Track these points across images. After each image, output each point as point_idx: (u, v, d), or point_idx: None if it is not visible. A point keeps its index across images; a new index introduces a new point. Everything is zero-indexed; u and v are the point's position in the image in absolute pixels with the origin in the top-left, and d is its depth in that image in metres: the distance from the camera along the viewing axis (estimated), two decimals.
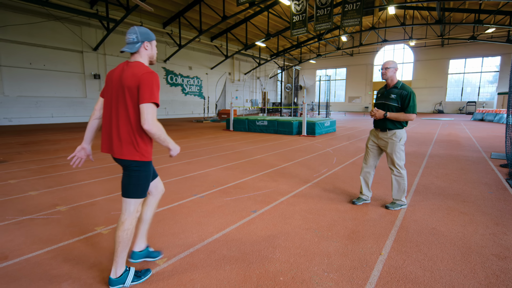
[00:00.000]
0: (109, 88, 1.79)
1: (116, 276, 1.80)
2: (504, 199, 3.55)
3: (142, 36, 1.78)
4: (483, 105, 26.17)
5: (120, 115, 1.72)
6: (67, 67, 15.56)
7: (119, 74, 1.75)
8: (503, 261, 2.17)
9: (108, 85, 1.80)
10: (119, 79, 1.73)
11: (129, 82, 1.68)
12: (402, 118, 3.06)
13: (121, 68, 1.77)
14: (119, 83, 1.73)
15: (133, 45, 1.77)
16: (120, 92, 1.72)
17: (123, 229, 1.78)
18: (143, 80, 1.66)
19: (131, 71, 1.70)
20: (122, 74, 1.72)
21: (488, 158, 6.12)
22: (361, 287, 1.85)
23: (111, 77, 1.79)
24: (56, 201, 3.45)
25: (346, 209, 3.22)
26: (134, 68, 1.71)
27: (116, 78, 1.76)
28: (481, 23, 18.69)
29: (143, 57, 1.81)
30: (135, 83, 1.67)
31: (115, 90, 1.75)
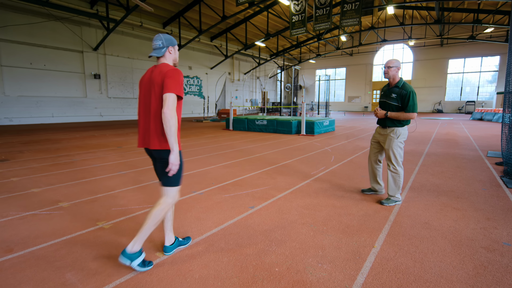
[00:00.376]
0: (141, 90, 2.03)
1: (131, 251, 1.92)
2: (497, 196, 3.62)
3: (167, 42, 2.00)
4: (482, 105, 26.24)
5: (151, 110, 1.91)
6: (67, 67, 15.64)
7: (148, 76, 1.98)
8: (492, 253, 2.24)
9: (141, 86, 2.04)
10: (149, 80, 1.96)
11: (157, 79, 1.89)
12: (402, 117, 3.14)
13: (150, 71, 2.00)
14: (149, 83, 1.96)
15: (159, 50, 1.98)
16: (151, 90, 1.92)
17: (159, 209, 1.99)
18: (168, 75, 1.86)
19: (159, 70, 1.91)
20: (151, 75, 1.95)
21: (484, 156, 6.19)
22: (353, 277, 1.93)
23: (142, 81, 2.03)
24: (59, 197, 3.52)
25: (342, 205, 3.30)
26: (161, 68, 1.92)
27: (146, 79, 1.99)
28: (480, 23, 18.76)
29: (168, 60, 2.03)
30: (161, 78, 1.87)
31: (146, 90, 1.97)
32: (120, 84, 18.20)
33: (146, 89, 1.97)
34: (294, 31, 15.88)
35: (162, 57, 2.01)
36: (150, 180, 4.32)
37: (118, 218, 2.89)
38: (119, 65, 18.01)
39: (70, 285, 1.83)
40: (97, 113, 17.22)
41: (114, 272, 1.97)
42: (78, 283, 1.85)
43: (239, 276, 1.93)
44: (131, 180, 4.29)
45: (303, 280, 1.89)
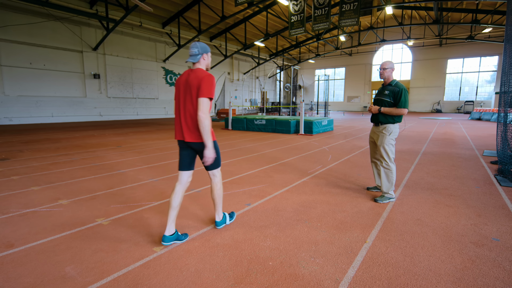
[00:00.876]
0: (178, 90, 2.32)
1: (219, 219, 2.61)
2: (490, 193, 3.68)
3: (202, 49, 2.29)
4: (481, 105, 26.32)
5: (187, 109, 2.24)
6: (67, 67, 15.69)
7: (185, 79, 2.27)
8: (480, 248, 2.30)
9: (177, 88, 2.34)
10: (185, 82, 2.25)
11: (194, 82, 2.19)
12: (395, 113, 3.27)
13: (186, 74, 2.29)
14: (186, 85, 2.25)
15: (195, 56, 2.27)
16: (187, 92, 2.23)
17: (217, 188, 2.50)
18: (204, 80, 2.16)
19: (195, 75, 2.22)
20: (188, 78, 2.24)
21: (480, 156, 6.25)
22: (344, 270, 1.99)
23: (179, 82, 2.31)
24: (58, 195, 3.58)
25: (337, 202, 3.36)
26: (197, 72, 2.23)
27: (183, 82, 2.28)
28: (478, 23, 18.83)
29: (202, 65, 2.32)
30: (197, 82, 2.17)
31: (182, 91, 2.28)
32: (119, 84, 18.25)
33: (183, 90, 2.27)
34: (293, 31, 15.94)
35: (197, 63, 2.30)
36: (148, 178, 4.38)
37: (117, 215, 2.94)
38: (118, 65, 18.06)
39: (70, 278, 1.89)
40: (97, 112, 17.27)
41: (113, 266, 2.03)
42: (78, 276, 1.91)
43: (233, 270, 1.99)
44: (130, 179, 4.35)
45: (296, 273, 1.95)
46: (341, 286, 1.82)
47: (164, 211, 3.05)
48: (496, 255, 2.19)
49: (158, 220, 2.82)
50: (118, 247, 2.29)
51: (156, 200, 3.41)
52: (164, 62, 20.93)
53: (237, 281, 1.87)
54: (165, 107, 21.39)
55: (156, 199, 3.43)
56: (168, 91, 21.60)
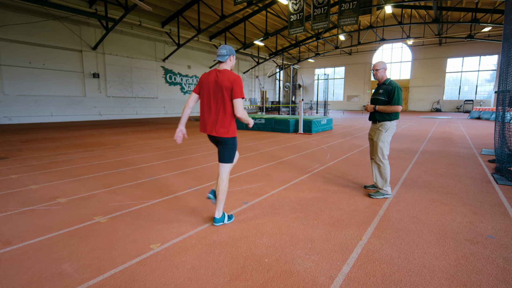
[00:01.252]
0: (206, 87, 2.53)
1: (219, 216, 2.67)
2: (487, 191, 3.70)
3: (229, 51, 2.53)
4: (480, 104, 26.32)
5: (219, 107, 2.49)
6: (66, 66, 15.69)
7: (214, 78, 2.49)
8: (475, 245, 2.32)
9: (204, 84, 2.54)
10: (215, 81, 2.48)
11: (226, 84, 2.43)
12: (389, 110, 3.35)
13: (215, 74, 2.50)
14: (216, 84, 2.48)
15: (224, 57, 2.51)
16: (218, 91, 2.47)
17: (224, 184, 2.60)
18: (236, 83, 2.44)
19: (226, 77, 2.45)
20: (218, 78, 2.47)
21: (478, 154, 6.27)
22: (339, 267, 2.00)
23: (207, 79, 2.53)
24: (57, 193, 3.59)
25: (334, 200, 3.37)
26: (227, 74, 2.46)
27: (212, 80, 2.50)
28: (478, 22, 18.82)
29: (228, 66, 2.56)
30: (230, 85, 2.43)
31: (212, 89, 2.50)
32: (119, 83, 18.26)
33: (212, 89, 2.50)
34: (292, 30, 15.94)
35: (224, 63, 2.55)
36: (146, 177, 4.39)
37: (115, 213, 2.96)
38: (118, 64, 18.06)
39: (67, 275, 1.91)
40: (96, 112, 17.27)
41: (110, 263, 2.04)
42: (74, 273, 1.92)
43: (229, 267, 2.01)
44: (128, 177, 4.36)
45: (291, 270, 1.97)
46: (336, 283, 1.83)
47: (164, 209, 3.07)
48: (490, 252, 2.21)
49: (156, 218, 2.83)
50: (115, 244, 2.31)
51: (154, 198, 3.43)
52: (163, 62, 20.92)
53: (232, 277, 1.88)
54: (165, 106, 21.39)
55: (154, 197, 3.44)
56: (168, 90, 21.60)
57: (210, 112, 2.53)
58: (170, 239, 2.40)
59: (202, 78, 2.56)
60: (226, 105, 2.46)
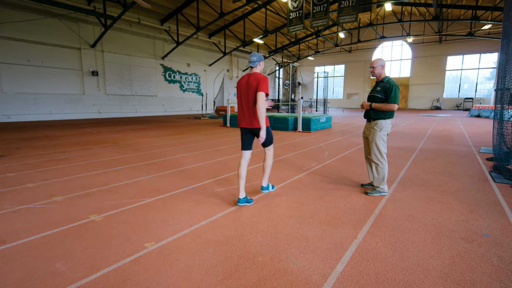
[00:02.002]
0: (239, 89, 3.06)
1: (265, 185, 3.39)
2: (483, 190, 3.69)
3: (259, 58, 3.02)
4: (480, 102, 26.27)
5: (250, 104, 2.96)
6: (65, 64, 15.65)
7: (246, 81, 3.00)
8: (470, 243, 2.31)
9: (239, 87, 3.07)
10: (246, 83, 2.98)
11: (254, 83, 2.90)
12: (385, 108, 3.31)
13: (247, 77, 3.01)
14: (247, 85, 2.97)
15: (254, 62, 2.99)
16: (250, 90, 2.94)
17: (270, 160, 3.24)
18: (261, 80, 2.88)
19: (254, 77, 2.94)
20: (248, 80, 2.96)
21: (476, 152, 6.26)
22: (333, 266, 2.00)
23: (241, 83, 3.05)
24: (53, 192, 3.59)
25: (330, 198, 3.37)
26: (255, 75, 2.95)
27: (244, 83, 3.01)
28: (478, 20, 18.73)
29: (258, 69, 3.03)
30: (256, 83, 2.88)
31: (245, 89, 2.99)
32: (118, 81, 18.22)
33: (244, 89, 2.99)
34: (292, 28, 15.88)
35: (255, 68, 3.01)
36: (143, 175, 4.38)
37: (110, 211, 2.95)
38: (117, 62, 18.01)
39: (60, 273, 1.90)
40: (95, 110, 17.25)
41: (103, 262, 2.04)
42: (67, 272, 1.92)
43: (223, 265, 2.00)
44: (125, 175, 4.36)
45: (284, 269, 1.96)
46: (329, 281, 1.83)
47: (159, 207, 3.06)
48: (485, 250, 2.21)
49: (151, 217, 2.83)
50: (109, 243, 2.30)
51: (150, 196, 3.42)
52: (162, 59, 20.86)
53: (225, 276, 1.88)
54: (164, 104, 21.35)
55: (150, 196, 3.44)
56: (167, 88, 21.55)
57: (244, 109, 3.04)
58: (165, 238, 2.40)
59: (238, 82, 3.10)
60: (255, 102, 2.92)
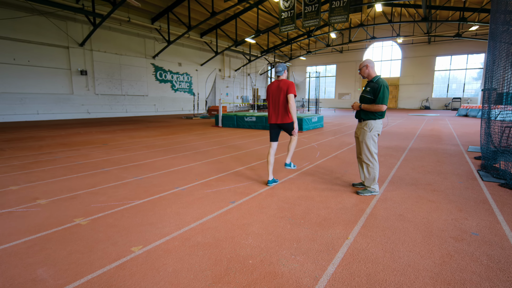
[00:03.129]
0: (270, 92, 3.79)
1: (288, 162, 3.95)
2: (472, 188, 3.74)
3: (284, 67, 3.75)
4: (468, 101, 26.83)
5: (280, 104, 3.71)
6: (52, 63, 15.29)
7: (276, 85, 3.73)
8: (459, 242, 2.32)
9: (270, 91, 3.79)
10: (277, 87, 3.71)
11: (284, 88, 3.67)
12: (373, 109, 3.31)
13: (277, 83, 3.74)
14: (277, 89, 3.71)
15: (281, 72, 3.74)
16: (280, 93, 3.69)
17: (294, 142, 3.91)
18: (290, 85, 3.65)
19: (283, 83, 3.68)
20: (279, 85, 3.71)
21: (465, 151, 6.36)
22: (324, 268, 1.97)
23: (271, 87, 3.78)
24: (37, 195, 3.47)
25: (322, 199, 3.35)
26: (284, 81, 3.70)
27: (275, 87, 3.74)
28: (465, 21, 19.10)
29: (284, 76, 3.76)
30: (286, 87, 3.66)
31: (275, 93, 3.73)
32: (107, 81, 17.91)
33: (275, 93, 3.73)
34: (284, 28, 15.88)
35: (282, 76, 3.75)
36: (132, 176, 4.29)
37: (97, 215, 2.87)
38: (106, 61, 17.70)
39: (41, 281, 1.83)
40: (84, 110, 16.92)
41: (88, 267, 1.97)
42: (49, 279, 1.84)
43: (212, 269, 1.96)
44: (113, 177, 4.26)
45: (275, 272, 1.93)
46: (320, 283, 1.80)
47: (148, 209, 2.99)
48: (474, 249, 2.22)
49: (139, 219, 2.76)
50: (95, 247, 2.23)
51: (140, 198, 3.34)
52: (153, 59, 20.61)
53: (215, 280, 1.83)
54: (155, 104, 21.10)
55: (139, 198, 3.36)
56: (158, 88, 21.29)
57: (274, 108, 3.75)
58: (153, 241, 2.33)
59: (268, 87, 3.82)
60: (285, 102, 3.69)
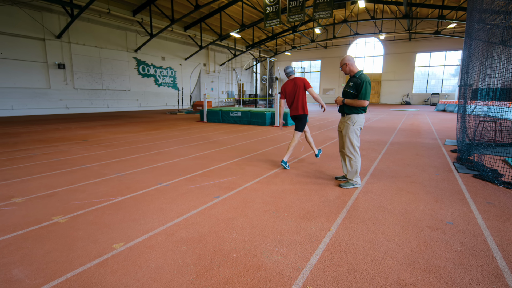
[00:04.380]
0: (287, 90, 4.37)
1: (286, 160, 4.41)
2: (448, 180, 3.90)
3: (291, 68, 4.39)
4: (445, 97, 27.84)
5: (299, 98, 4.30)
6: (27, 55, 14.58)
7: (292, 83, 4.32)
8: (435, 231, 2.43)
9: (287, 89, 4.37)
10: (293, 84, 4.30)
11: (300, 84, 4.25)
12: (355, 105, 3.37)
13: (292, 81, 4.34)
14: (294, 86, 4.30)
15: (292, 72, 4.38)
16: (296, 89, 4.29)
17: (294, 144, 4.40)
18: (305, 80, 4.27)
19: (299, 79, 4.28)
20: (295, 82, 4.29)
21: (442, 145, 6.61)
22: (307, 259, 2.01)
23: (288, 86, 4.36)
24: (12, 193, 3.33)
25: (305, 192, 3.40)
26: (299, 78, 4.30)
27: (291, 85, 4.32)
28: (444, 19, 19.73)
29: (296, 75, 4.25)
30: (302, 83, 4.25)
31: (292, 90, 4.31)
32: (87, 75, 17.29)
33: (292, 90, 4.32)
34: (269, 22, 15.84)
35: (293, 75, 4.38)
36: (113, 173, 4.19)
37: (76, 212, 2.79)
38: (85, 55, 17.06)
39: (17, 281, 1.76)
40: (63, 105, 16.29)
41: (66, 266, 1.91)
42: (26, 279, 1.78)
43: (195, 264, 1.95)
44: (93, 174, 4.14)
45: (259, 264, 1.95)
46: (302, 274, 1.84)
47: (130, 206, 2.93)
48: (449, 237, 2.32)
49: (121, 216, 2.70)
50: (74, 245, 2.17)
51: (121, 195, 3.27)
52: (135, 52, 20.06)
53: (198, 275, 1.83)
54: (138, 99, 20.60)
55: (121, 194, 3.29)
56: (141, 82, 20.78)
57: (293, 103, 4.35)
58: (135, 238, 2.30)
59: (284, 87, 4.39)
60: (301, 96, 4.30)
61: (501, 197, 3.24)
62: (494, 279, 1.81)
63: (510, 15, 4.27)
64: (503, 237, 2.33)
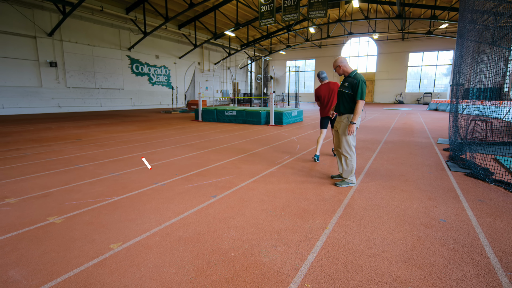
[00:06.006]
0: (322, 93, 4.85)
1: (318, 154, 4.91)
2: (441, 178, 3.98)
3: (325, 72, 4.85)
4: (438, 96, 28.23)
5: (332, 101, 4.79)
6: (18, 53, 14.32)
7: (327, 87, 4.82)
8: (429, 229, 2.48)
9: (322, 92, 4.85)
10: (328, 89, 4.80)
11: (335, 88, 4.76)
12: (359, 111, 3.37)
13: (327, 85, 4.84)
14: (329, 89, 4.80)
15: (326, 77, 4.86)
16: (331, 93, 4.79)
17: (322, 137, 4.96)
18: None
19: (333, 84, 4.80)
20: (329, 86, 4.80)
21: (434, 143, 6.72)
22: (304, 257, 2.04)
23: (323, 89, 4.85)
24: (5, 193, 3.28)
25: (302, 191, 3.43)
26: (332, 83, 4.82)
27: (326, 88, 4.81)
28: (436, 19, 19.98)
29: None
30: (336, 88, 4.73)
31: (327, 93, 4.81)
32: (80, 73, 17.07)
33: (327, 93, 4.80)
34: (263, 21, 15.83)
35: (327, 80, 4.88)
36: (109, 172, 4.16)
37: (72, 212, 2.77)
38: (78, 53, 16.84)
39: (13, 282, 1.75)
40: (55, 104, 16.06)
41: (64, 266, 1.90)
42: (23, 280, 1.77)
43: (194, 263, 1.96)
44: (88, 173, 4.11)
45: (257, 263, 1.97)
46: (300, 272, 1.86)
47: (127, 206, 2.92)
48: (442, 235, 2.38)
49: (117, 216, 2.69)
50: (71, 246, 2.16)
51: (117, 195, 3.26)
52: (129, 51, 19.86)
53: (197, 274, 1.84)
54: (132, 98, 20.41)
55: (117, 194, 3.27)
56: (135, 81, 20.59)
57: (328, 105, 4.83)
58: (133, 238, 2.29)
59: (319, 90, 4.90)
60: (335, 99, 4.67)
61: (492, 194, 3.31)
62: (486, 274, 1.86)
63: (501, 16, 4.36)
64: (494, 234, 2.40)
